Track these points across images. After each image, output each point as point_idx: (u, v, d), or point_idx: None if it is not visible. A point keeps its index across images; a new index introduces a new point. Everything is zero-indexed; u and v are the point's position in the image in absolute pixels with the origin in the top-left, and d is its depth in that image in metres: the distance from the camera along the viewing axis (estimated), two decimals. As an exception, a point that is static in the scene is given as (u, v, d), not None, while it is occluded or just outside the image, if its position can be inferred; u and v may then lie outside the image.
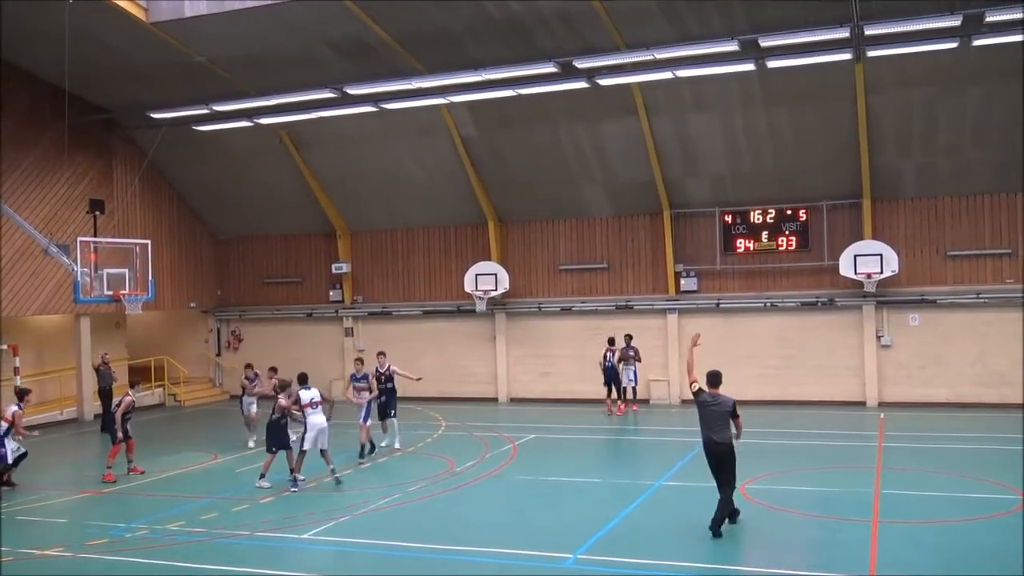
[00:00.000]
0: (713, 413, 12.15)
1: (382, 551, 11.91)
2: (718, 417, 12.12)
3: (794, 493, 14.43)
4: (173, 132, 26.07)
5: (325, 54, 22.88)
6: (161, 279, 27.59)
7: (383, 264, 29.61)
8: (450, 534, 12.71)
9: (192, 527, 13.30)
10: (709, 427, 12.16)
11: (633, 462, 19.16)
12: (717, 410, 12.13)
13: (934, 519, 12.64)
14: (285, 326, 30.70)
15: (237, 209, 30.22)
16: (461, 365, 28.28)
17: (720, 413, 12.10)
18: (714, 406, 12.18)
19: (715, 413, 12.12)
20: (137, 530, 13.23)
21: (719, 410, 12.12)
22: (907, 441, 19.07)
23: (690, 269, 25.91)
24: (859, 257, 23.40)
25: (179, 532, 13.08)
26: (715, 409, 12.15)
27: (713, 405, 12.20)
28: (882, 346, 24.30)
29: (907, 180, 23.68)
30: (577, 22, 20.78)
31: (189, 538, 12.77)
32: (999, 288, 23.33)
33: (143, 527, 13.35)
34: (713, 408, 12.18)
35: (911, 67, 20.72)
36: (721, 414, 12.10)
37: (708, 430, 12.18)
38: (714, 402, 12.20)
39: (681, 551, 11.52)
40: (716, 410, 12.13)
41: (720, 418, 12.10)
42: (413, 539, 12.38)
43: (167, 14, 21.47)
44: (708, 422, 12.19)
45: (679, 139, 24.04)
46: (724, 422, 12.10)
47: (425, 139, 25.99)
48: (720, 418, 12.10)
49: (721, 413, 12.10)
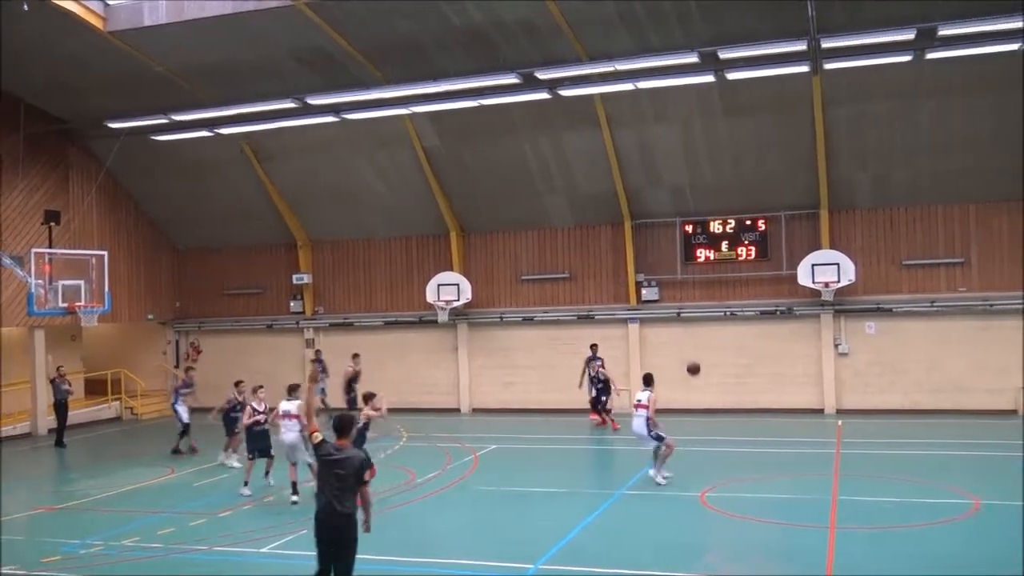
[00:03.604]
0: (335, 473, 8.95)
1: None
2: (340, 479, 8.93)
3: (753, 500, 14.54)
4: (132, 142, 25.78)
5: (286, 64, 22.77)
6: (118, 291, 27.22)
7: (345, 275, 29.47)
8: (411, 545, 12.64)
9: (149, 542, 13.10)
10: (329, 491, 8.96)
11: (595, 471, 19.22)
12: (340, 470, 8.94)
13: (890, 524, 12.81)
14: (245, 337, 30.41)
15: (197, 220, 29.91)
16: (423, 375, 28.21)
17: (343, 475, 8.93)
18: (337, 463, 8.97)
19: (337, 474, 8.94)
20: (92, 546, 12.99)
21: (343, 471, 8.94)
22: (864, 448, 19.32)
23: (651, 279, 26.09)
24: (817, 266, 23.72)
25: (135, 548, 12.87)
26: (338, 468, 8.95)
27: (336, 461, 8.98)
28: (839, 354, 24.62)
29: (863, 191, 24.06)
30: (539, 33, 20.90)
31: (145, 554, 12.57)
32: (953, 296, 23.75)
33: (98, 543, 13.11)
34: (336, 466, 8.96)
35: (867, 80, 21.08)
36: (344, 476, 8.94)
37: (327, 495, 8.97)
38: (339, 457, 9.00)
39: (642, 559, 11.57)
40: (339, 470, 8.94)
41: (343, 480, 8.93)
42: (374, 551, 12.25)
43: (125, 23, 21.28)
44: (327, 483, 9.00)
45: (640, 150, 24.23)
46: (349, 486, 8.96)
47: (387, 150, 25.94)
48: (343, 480, 8.93)
49: (345, 475, 8.94)
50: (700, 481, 15.75)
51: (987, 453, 18.53)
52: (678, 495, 15.04)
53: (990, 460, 17.82)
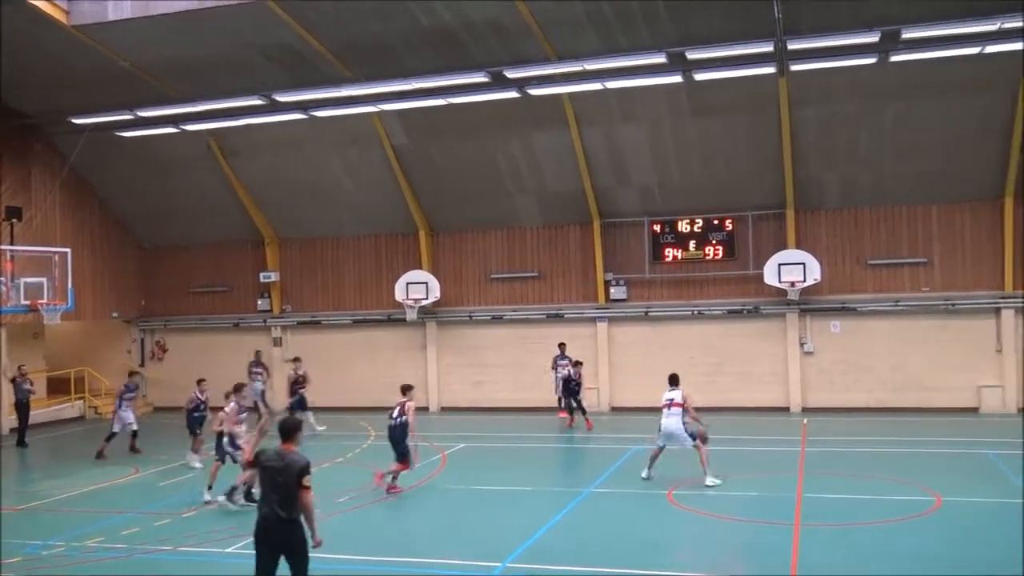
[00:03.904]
0: (276, 479, 8.66)
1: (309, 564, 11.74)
2: (282, 485, 8.61)
3: (719, 498, 14.63)
4: (97, 138, 25.45)
5: (254, 61, 22.60)
6: (82, 288, 26.88)
7: (313, 273, 29.30)
8: (379, 545, 12.62)
9: (112, 543, 12.96)
10: (271, 498, 8.67)
11: (563, 470, 19.28)
12: (281, 476, 8.63)
13: (854, 521, 12.96)
14: (211, 336, 30.12)
15: (163, 217, 29.60)
16: (392, 374, 28.02)
17: (284, 481, 8.59)
18: (279, 469, 8.68)
19: (278, 480, 8.63)
20: (55, 547, 12.82)
21: (284, 477, 8.61)
22: (829, 445, 19.54)
23: (619, 278, 26.19)
24: (783, 266, 23.94)
25: (99, 548, 12.73)
26: (279, 475, 8.64)
27: (278, 468, 8.69)
28: (805, 353, 24.86)
29: (829, 191, 24.30)
30: (508, 33, 20.90)
31: (109, 554, 12.43)
32: (916, 296, 24.07)
33: (61, 544, 12.95)
34: (277, 472, 8.67)
35: (833, 82, 21.31)
36: (286, 482, 8.59)
37: (270, 502, 8.67)
38: (281, 463, 8.71)
39: (609, 558, 11.61)
40: (280, 477, 8.63)
41: (285, 487, 8.59)
42: (340, 551, 12.22)
43: (89, 17, 21.01)
44: (269, 490, 8.72)
45: (609, 149, 24.32)
46: (290, 493, 8.59)
47: (356, 148, 25.83)
48: (285, 487, 8.59)
49: (286, 481, 8.59)
50: (668, 479, 15.84)
51: (949, 450, 18.84)
52: (646, 493, 15.11)
53: (952, 457, 18.12)
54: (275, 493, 8.65)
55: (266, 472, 8.79)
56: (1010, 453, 17.64)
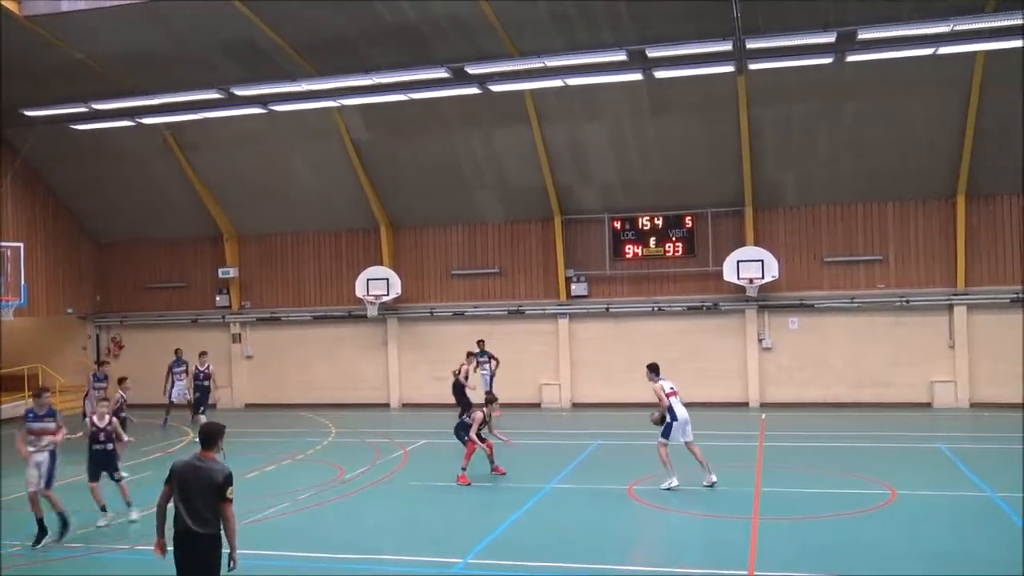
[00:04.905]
0: (192, 489, 7.91)
1: (269, 561, 11.65)
2: (198, 496, 7.89)
3: (677, 493, 14.74)
4: (50, 131, 25.02)
5: (212, 54, 22.34)
6: (35, 284, 26.40)
7: (272, 269, 29.05)
8: (340, 542, 12.56)
9: (69, 542, 12.77)
10: (186, 509, 7.90)
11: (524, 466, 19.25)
12: (198, 486, 7.91)
13: (812, 515, 13.15)
14: (168, 332, 29.71)
15: (119, 212, 29.16)
16: (352, 371, 27.99)
17: (200, 492, 7.90)
18: (196, 478, 7.94)
19: (194, 490, 7.90)
20: (10, 547, 12.62)
21: (200, 486, 7.90)
22: (787, 440, 19.81)
23: (580, 274, 26.29)
24: (741, 263, 24.19)
25: (54, 548, 12.54)
26: (196, 484, 7.92)
27: (195, 476, 7.96)
28: (763, 349, 25.16)
29: (787, 189, 24.60)
30: (470, 29, 20.88)
31: (65, 554, 12.26)
32: (872, 293, 24.46)
33: (15, 544, 12.74)
34: (194, 481, 7.94)
35: (791, 81, 21.57)
36: (202, 493, 7.89)
37: (185, 513, 7.90)
38: (195, 472, 7.99)
39: (569, 553, 11.66)
40: (197, 486, 7.90)
41: (200, 497, 7.89)
42: (302, 548, 12.18)
43: (43, 8, 20.66)
44: (185, 501, 7.93)
45: (570, 146, 24.39)
46: (208, 504, 7.89)
47: (316, 143, 25.64)
48: (200, 497, 7.89)
49: (202, 492, 7.89)
50: (628, 474, 15.94)
51: (903, 444, 19.19)
52: (607, 489, 15.20)
53: (906, 451, 18.46)
54: (191, 504, 7.88)
55: (183, 481, 7.97)
56: (962, 447, 18.04)
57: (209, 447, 8.16)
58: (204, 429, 8.36)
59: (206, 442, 8.17)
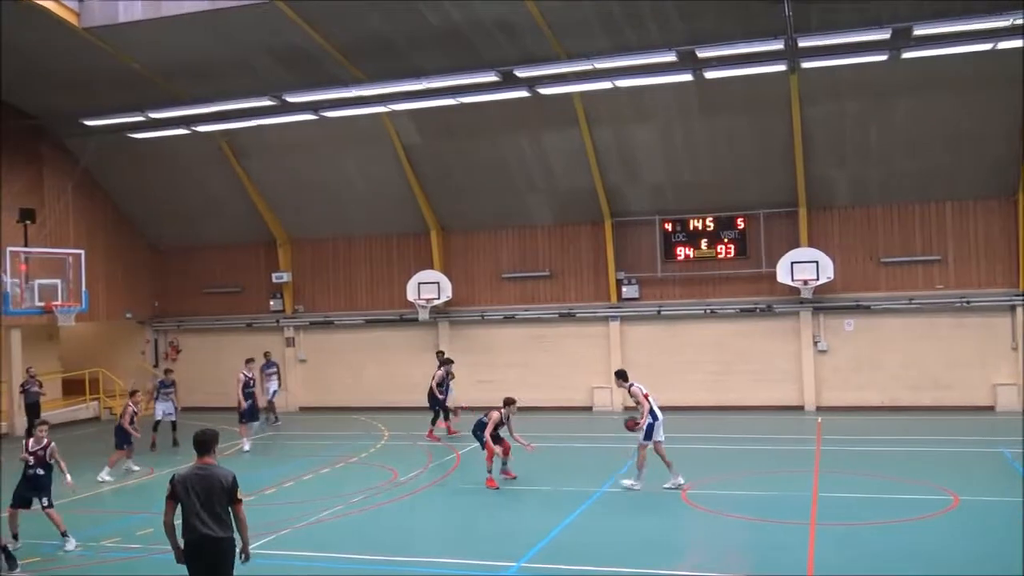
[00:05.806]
0: (199, 495, 8.17)
1: (324, 563, 11.78)
2: (206, 501, 8.14)
3: (734, 498, 14.60)
4: (109, 140, 25.59)
5: (264, 62, 22.65)
6: (95, 289, 27.00)
7: (324, 273, 29.34)
8: (393, 545, 12.62)
9: (128, 543, 13.02)
10: (195, 515, 8.13)
11: (577, 469, 19.20)
12: (204, 491, 8.17)
13: (870, 520, 12.90)
14: (224, 336, 30.20)
15: (175, 218, 29.70)
16: (404, 374, 28.09)
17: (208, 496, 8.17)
18: (201, 485, 8.21)
19: (201, 496, 8.16)
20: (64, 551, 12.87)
21: (208, 491, 8.18)
22: (844, 444, 19.46)
23: (631, 277, 26.15)
24: (795, 264, 23.84)
25: (115, 548, 12.79)
26: (202, 490, 8.18)
27: (200, 483, 8.22)
28: (819, 351, 24.77)
29: (840, 189, 24.20)
30: (518, 32, 20.89)
31: (125, 555, 12.48)
32: (930, 294, 23.95)
33: (77, 544, 12.99)
34: (200, 487, 8.20)
35: (844, 79, 21.22)
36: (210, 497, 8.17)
37: (194, 520, 8.13)
38: (201, 477, 8.26)
39: (624, 558, 11.59)
40: (203, 491, 8.17)
41: (209, 502, 8.16)
42: (355, 551, 12.27)
43: (100, 19, 21.10)
44: (193, 507, 8.15)
45: (619, 148, 24.27)
46: (219, 507, 8.18)
47: (367, 148, 25.85)
48: (209, 502, 8.16)
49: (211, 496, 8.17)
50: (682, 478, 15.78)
51: (964, 449, 18.75)
52: (661, 493, 15.06)
53: (968, 456, 18.03)
54: (200, 509, 8.10)
55: (192, 493, 8.15)
56: (1026, 451, 17.57)
57: (207, 453, 8.45)
58: (199, 436, 8.57)
59: (203, 449, 8.46)
